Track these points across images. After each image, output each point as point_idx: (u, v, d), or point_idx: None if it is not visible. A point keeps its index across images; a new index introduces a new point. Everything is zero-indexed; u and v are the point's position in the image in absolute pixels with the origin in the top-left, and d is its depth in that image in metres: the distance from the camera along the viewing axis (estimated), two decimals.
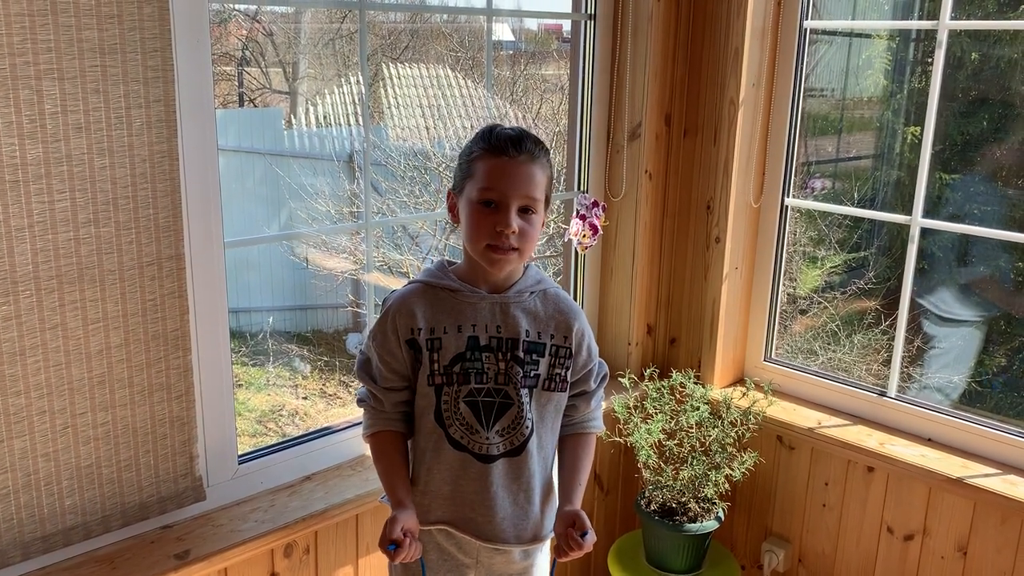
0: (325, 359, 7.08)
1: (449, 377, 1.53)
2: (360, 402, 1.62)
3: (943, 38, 2.08)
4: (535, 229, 1.51)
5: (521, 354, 1.54)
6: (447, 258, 1.64)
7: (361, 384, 1.61)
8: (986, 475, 2.04)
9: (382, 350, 1.56)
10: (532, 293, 1.59)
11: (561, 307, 1.60)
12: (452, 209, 1.57)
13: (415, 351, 1.54)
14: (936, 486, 2.09)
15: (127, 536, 1.66)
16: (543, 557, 1.68)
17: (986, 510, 2.03)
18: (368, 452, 1.68)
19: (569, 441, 1.66)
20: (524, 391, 1.54)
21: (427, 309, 1.55)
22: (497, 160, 1.48)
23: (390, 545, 1.41)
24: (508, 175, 1.47)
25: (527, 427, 1.55)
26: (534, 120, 7.00)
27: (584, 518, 1.48)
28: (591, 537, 1.46)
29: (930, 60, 2.13)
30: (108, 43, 1.44)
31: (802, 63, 2.34)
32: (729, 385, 2.54)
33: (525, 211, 1.49)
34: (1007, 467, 2.07)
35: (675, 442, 2.24)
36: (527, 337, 1.55)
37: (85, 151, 1.45)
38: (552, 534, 1.63)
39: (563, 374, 1.58)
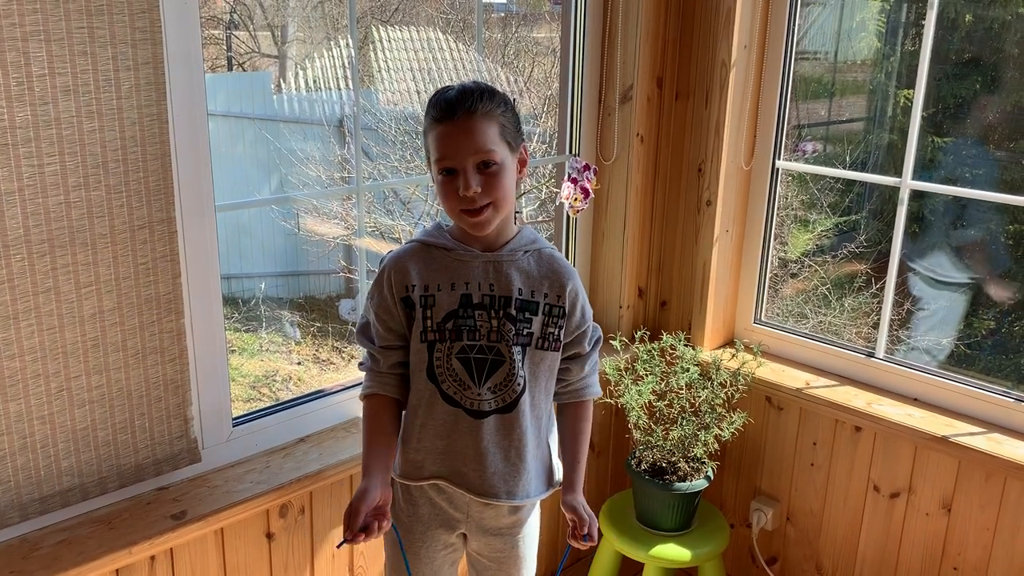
0: (318, 325, 7.09)
1: (442, 334, 1.55)
2: (361, 365, 1.65)
3: None
4: (501, 178, 1.50)
5: (513, 312, 1.56)
6: (443, 220, 1.64)
7: (363, 349, 1.63)
8: (971, 433, 2.07)
9: (379, 308, 1.59)
10: (526, 252, 1.60)
11: (555, 267, 1.61)
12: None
13: (409, 308, 1.57)
14: (922, 445, 2.12)
15: (124, 497, 1.68)
16: (534, 513, 1.71)
17: (970, 468, 2.07)
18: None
19: (568, 411, 1.69)
20: (517, 349, 1.56)
21: (421, 267, 1.57)
22: (442, 128, 1.49)
23: (342, 541, 1.43)
24: (454, 139, 1.48)
25: (519, 384, 1.57)
26: (525, 84, 6.94)
27: (584, 516, 1.54)
28: (591, 537, 1.53)
29: (924, 23, 2.12)
30: (95, 4, 1.43)
31: (794, 24, 2.33)
32: (719, 347, 2.56)
33: (486, 165, 1.49)
34: (991, 425, 2.10)
35: (665, 403, 2.27)
36: (520, 295, 1.57)
37: (74, 114, 1.44)
38: (545, 493, 1.66)
39: (556, 333, 1.60)
